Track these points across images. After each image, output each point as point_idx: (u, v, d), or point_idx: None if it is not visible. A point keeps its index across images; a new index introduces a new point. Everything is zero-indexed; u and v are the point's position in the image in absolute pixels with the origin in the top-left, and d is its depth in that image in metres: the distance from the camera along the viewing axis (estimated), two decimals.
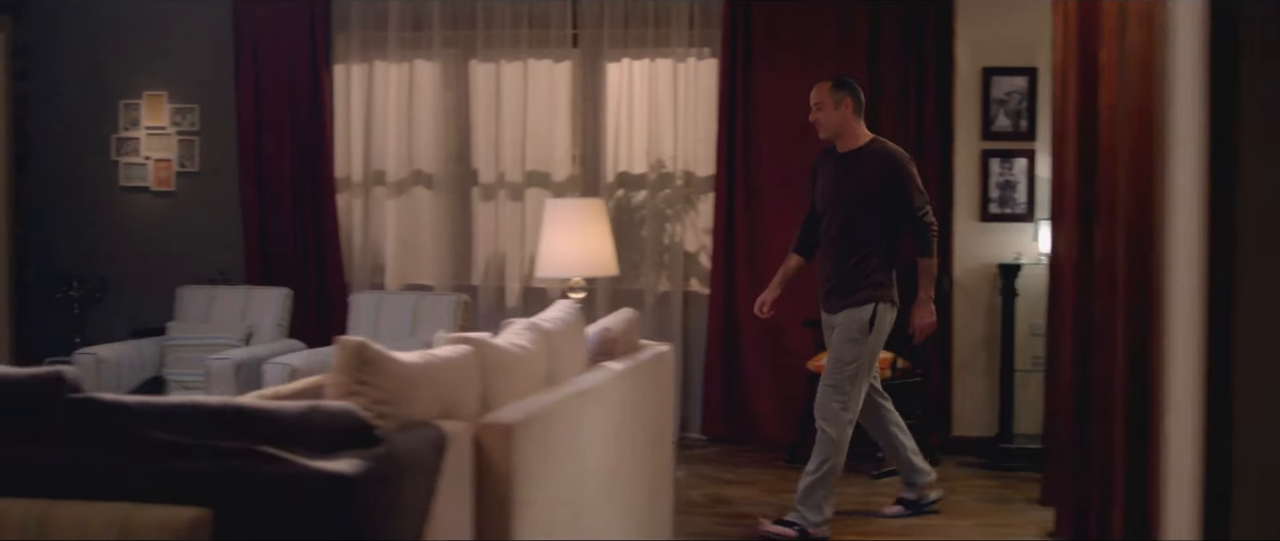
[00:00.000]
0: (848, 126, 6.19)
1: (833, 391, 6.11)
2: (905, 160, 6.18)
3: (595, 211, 6.68)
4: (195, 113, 8.89)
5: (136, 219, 9.01)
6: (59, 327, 9.05)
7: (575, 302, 5.25)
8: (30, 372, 3.49)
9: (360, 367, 3.69)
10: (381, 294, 7.47)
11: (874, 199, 6.11)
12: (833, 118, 6.19)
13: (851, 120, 6.19)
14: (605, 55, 8.38)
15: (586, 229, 6.62)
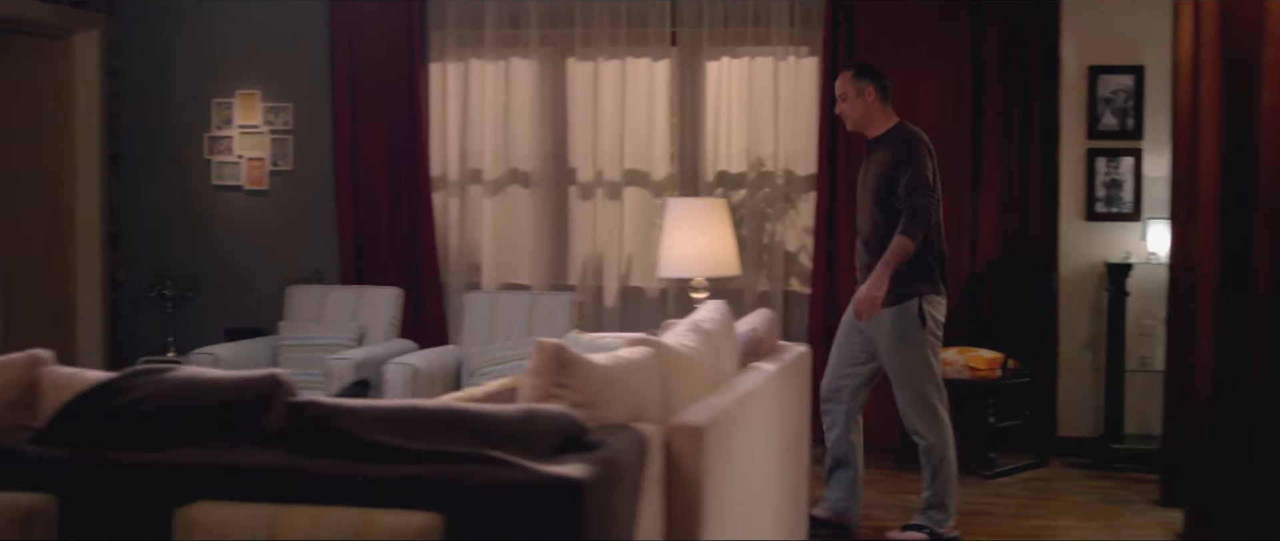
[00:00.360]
0: (873, 115, 6.11)
1: (913, 400, 5.99)
2: (914, 143, 6.03)
3: (717, 211, 6.65)
4: (289, 111, 8.86)
5: (229, 218, 9.00)
6: (151, 327, 9.04)
7: (723, 303, 5.22)
8: (247, 376, 3.46)
9: (558, 370, 3.66)
10: (496, 293, 7.43)
11: (892, 186, 5.99)
12: (857, 107, 6.11)
13: (877, 108, 6.11)
14: (704, 54, 8.33)
15: (708, 228, 6.59)
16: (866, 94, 6.07)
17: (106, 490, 3.29)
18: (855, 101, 6.09)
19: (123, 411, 3.42)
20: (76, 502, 3.26)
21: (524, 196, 8.57)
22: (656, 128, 8.38)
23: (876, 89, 6.09)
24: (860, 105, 6.08)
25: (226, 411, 3.38)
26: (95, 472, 3.31)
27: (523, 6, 8.46)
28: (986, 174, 7.97)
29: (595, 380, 3.74)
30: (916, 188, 5.91)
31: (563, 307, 7.13)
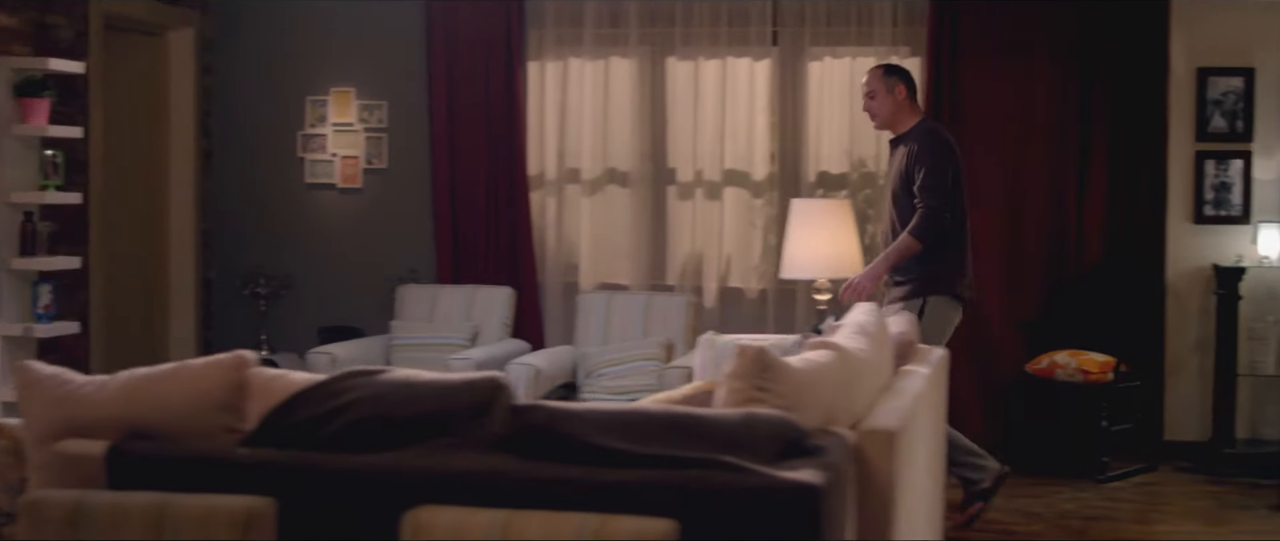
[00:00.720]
0: (901, 113, 6.16)
1: None
2: (934, 140, 6.05)
3: (841, 212, 6.61)
4: (383, 109, 8.84)
5: (322, 216, 8.97)
6: (243, 326, 9.02)
7: (874, 306, 5.18)
8: (467, 379, 3.43)
9: (761, 373, 3.63)
10: (610, 294, 7.39)
11: (910, 184, 6.05)
12: (886, 105, 6.15)
13: (905, 106, 6.16)
14: (806, 53, 8.29)
15: (833, 229, 6.55)
16: (897, 92, 6.14)
17: (328, 494, 3.27)
18: (885, 99, 6.14)
19: (336, 414, 3.40)
20: (296, 506, 3.24)
21: (622, 196, 8.53)
22: (757, 127, 8.34)
23: (906, 88, 6.16)
24: (889, 103, 6.15)
25: (445, 415, 3.34)
26: (315, 476, 3.28)
27: (623, 6, 8.43)
28: (1093, 176, 7.91)
29: (795, 384, 3.71)
30: (930, 187, 5.96)
31: (678, 309, 7.10)
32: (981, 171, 7.97)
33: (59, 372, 3.59)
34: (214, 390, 3.49)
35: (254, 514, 3.20)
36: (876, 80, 6.15)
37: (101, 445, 3.42)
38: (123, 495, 3.27)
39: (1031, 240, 8.00)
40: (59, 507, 3.26)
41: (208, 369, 3.51)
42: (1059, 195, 7.95)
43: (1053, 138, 7.95)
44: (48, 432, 3.51)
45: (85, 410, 3.51)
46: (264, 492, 3.26)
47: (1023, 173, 7.99)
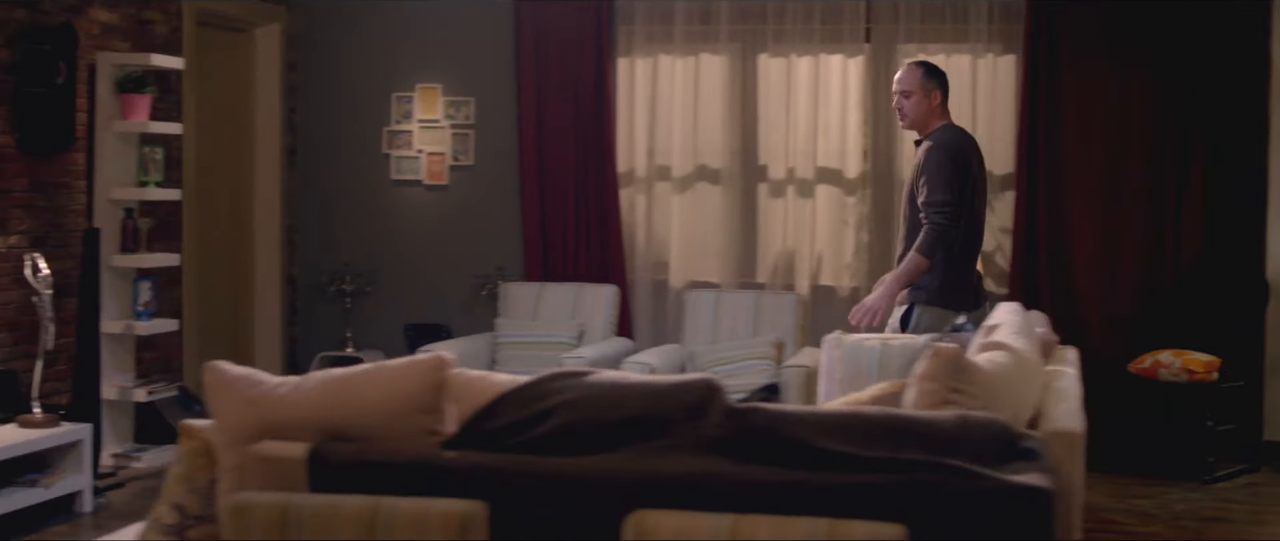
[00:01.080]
0: (932, 116, 6.08)
1: None
2: (943, 149, 5.95)
3: None
4: (470, 105, 8.80)
5: (408, 213, 8.94)
6: (327, 323, 9.00)
7: (1018, 304, 5.14)
8: (680, 381, 3.39)
9: (954, 375, 3.59)
10: (720, 292, 7.34)
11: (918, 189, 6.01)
12: (921, 107, 6.05)
13: (936, 111, 6.08)
14: (900, 51, 8.22)
15: None
16: (933, 97, 6.04)
17: (542, 497, 3.22)
18: (920, 101, 6.03)
19: (544, 417, 3.36)
20: (508, 509, 3.20)
21: (712, 193, 8.48)
22: (849, 125, 8.28)
23: (942, 92, 6.10)
24: (924, 105, 6.05)
25: (657, 417, 3.30)
26: (529, 479, 3.24)
27: (714, 4, 8.38)
28: (1192, 174, 7.84)
29: (986, 386, 3.67)
30: (935, 202, 5.86)
31: (789, 307, 7.05)
32: (1077, 170, 7.93)
33: (249, 373, 3.56)
34: (414, 392, 3.44)
35: (468, 517, 3.17)
36: (915, 80, 6.04)
37: (301, 447, 3.38)
38: (332, 498, 3.23)
39: (1129, 238, 7.93)
40: (266, 510, 3.23)
41: (407, 370, 3.46)
42: (1157, 193, 7.88)
43: (1150, 135, 7.88)
44: (242, 434, 3.48)
45: (281, 411, 3.47)
46: (473, 495, 3.22)
47: (1120, 171, 7.92)
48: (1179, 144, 7.86)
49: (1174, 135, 7.85)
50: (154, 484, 6.82)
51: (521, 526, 3.22)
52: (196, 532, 3.68)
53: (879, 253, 8.19)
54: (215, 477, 3.61)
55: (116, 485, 6.72)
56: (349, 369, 3.53)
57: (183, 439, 3.62)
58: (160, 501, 3.67)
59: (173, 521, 3.66)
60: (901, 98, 6.07)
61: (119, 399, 7.22)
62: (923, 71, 6.05)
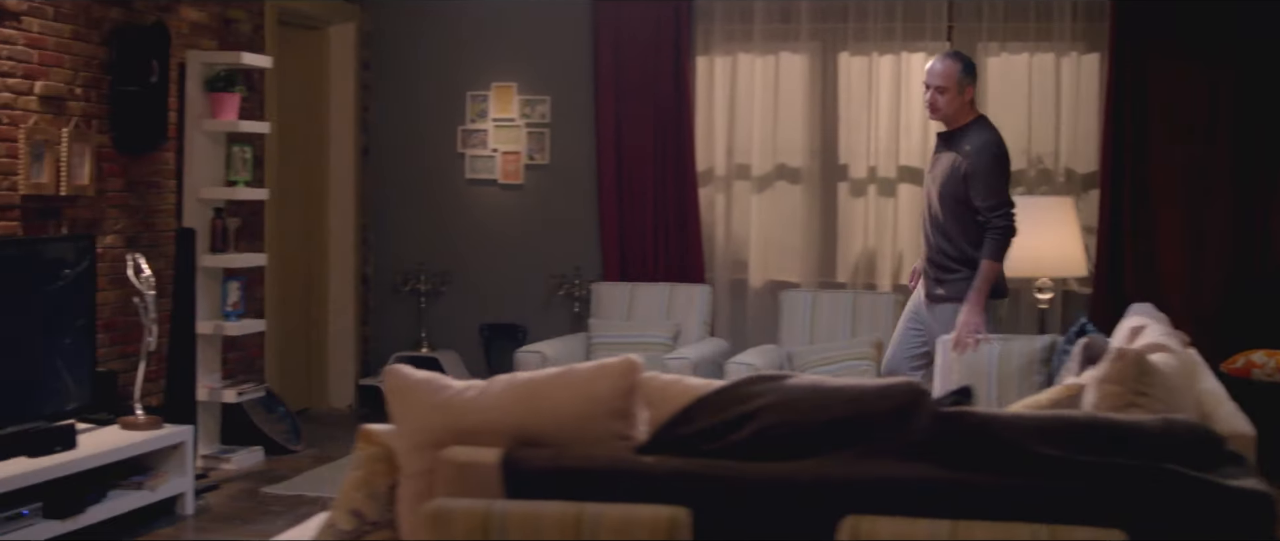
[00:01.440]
0: (961, 111, 5.99)
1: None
2: (990, 149, 5.90)
3: (1064, 210, 6.50)
4: (546, 104, 8.75)
5: (482, 212, 8.89)
6: (400, 323, 8.96)
7: (1150, 306, 5.10)
8: (885, 385, 3.34)
9: (1138, 379, 3.56)
10: (815, 292, 7.30)
11: (957, 185, 5.92)
12: (955, 103, 5.95)
13: (967, 106, 6.00)
14: (983, 49, 8.18)
15: (1056, 227, 6.44)
16: (966, 93, 5.95)
17: (749, 502, 3.18)
18: (955, 97, 5.92)
19: (743, 421, 3.32)
20: (712, 515, 3.15)
21: (792, 192, 8.43)
22: (931, 123, 8.21)
23: (973, 88, 6.04)
24: (958, 102, 5.95)
25: (862, 420, 3.25)
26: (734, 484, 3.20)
27: (794, 2, 8.33)
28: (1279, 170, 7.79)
29: (1168, 389, 3.64)
30: (995, 205, 5.83)
31: (886, 306, 7.01)
32: (1163, 168, 7.88)
33: (431, 377, 3.51)
34: (606, 396, 3.39)
35: (674, 523, 3.12)
36: (952, 77, 5.91)
37: (494, 453, 3.33)
38: (535, 505, 3.18)
39: (1214, 236, 7.88)
40: (467, 516, 3.18)
41: (599, 374, 3.41)
42: (1244, 191, 7.83)
43: (1236, 132, 7.82)
44: (427, 439, 3.43)
45: (469, 416, 3.42)
46: (674, 501, 3.17)
47: (1206, 169, 7.87)
48: (1266, 140, 7.80)
49: (1260, 132, 7.79)
50: (248, 485, 6.80)
51: (727, 532, 3.17)
52: (373, 539, 3.64)
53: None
54: (394, 483, 3.57)
55: (211, 487, 6.68)
56: (537, 373, 3.48)
57: (361, 443, 3.58)
58: (335, 506, 3.62)
59: (349, 527, 3.62)
60: (936, 93, 5.97)
61: (208, 400, 7.18)
62: (960, 67, 5.94)
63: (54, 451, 5.65)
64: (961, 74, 5.90)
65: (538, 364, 6.56)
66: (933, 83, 5.97)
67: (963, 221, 5.95)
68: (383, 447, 3.57)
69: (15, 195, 6.09)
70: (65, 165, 6.31)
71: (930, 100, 6.01)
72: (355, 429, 3.39)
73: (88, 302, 6.13)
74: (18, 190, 6.09)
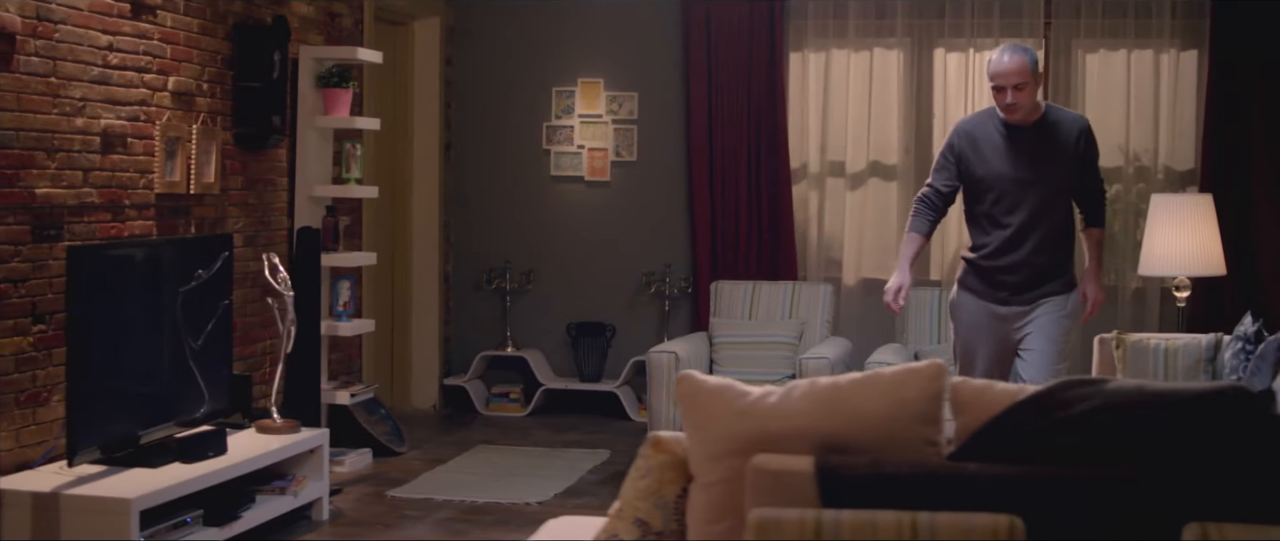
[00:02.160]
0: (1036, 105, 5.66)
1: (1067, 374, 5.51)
2: (1081, 121, 5.80)
3: (1203, 207, 6.46)
4: (633, 100, 8.66)
5: (567, 209, 8.80)
6: (483, 321, 8.85)
7: None
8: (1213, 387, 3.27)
9: None
10: (936, 291, 7.21)
11: (1069, 172, 5.64)
12: (1031, 97, 5.56)
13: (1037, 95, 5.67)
14: (1080, 45, 8.15)
15: (1195, 225, 6.40)
16: (1039, 83, 5.67)
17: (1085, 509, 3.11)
18: (1032, 91, 5.57)
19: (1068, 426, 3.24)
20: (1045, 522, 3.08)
21: (886, 190, 8.38)
22: None
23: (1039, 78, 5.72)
24: (1034, 95, 5.59)
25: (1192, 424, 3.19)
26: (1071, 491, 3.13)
27: None
28: None
29: None
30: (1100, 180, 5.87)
31: None
32: (1264, 168, 7.85)
33: (725, 384, 3.43)
34: (916, 400, 3.32)
35: (1012, 530, 3.05)
36: (1028, 73, 5.50)
37: (805, 460, 3.25)
38: (867, 514, 3.10)
39: None
40: (797, 526, 3.10)
41: (907, 378, 3.33)
42: None
43: None
44: (729, 448, 3.35)
45: (773, 423, 3.34)
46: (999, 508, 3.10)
47: None
48: None
49: None
50: (370, 489, 6.69)
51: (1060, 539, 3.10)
52: None
53: None
54: (682, 492, 3.48)
55: (335, 490, 6.55)
56: (839, 378, 3.39)
57: (651, 451, 3.49)
58: (616, 516, 3.53)
59: (632, 538, 3.53)
60: (1017, 93, 5.49)
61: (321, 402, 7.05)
62: (1031, 62, 5.55)
63: (207, 457, 5.52)
64: (1035, 69, 5.57)
65: (672, 364, 6.46)
66: (1009, 81, 5.49)
67: (1066, 211, 5.71)
68: (673, 455, 3.48)
69: (151, 194, 5.95)
70: (194, 163, 6.17)
71: (1014, 100, 5.50)
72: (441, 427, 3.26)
73: (224, 304, 5.99)
74: (153, 188, 5.95)
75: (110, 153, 5.70)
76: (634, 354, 8.58)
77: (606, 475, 7.08)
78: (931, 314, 7.04)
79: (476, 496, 6.53)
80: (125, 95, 5.78)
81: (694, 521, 3.44)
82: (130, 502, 4.90)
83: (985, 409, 3.37)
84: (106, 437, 5.25)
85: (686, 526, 3.48)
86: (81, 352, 5.10)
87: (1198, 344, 5.76)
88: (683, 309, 8.65)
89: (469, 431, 8.15)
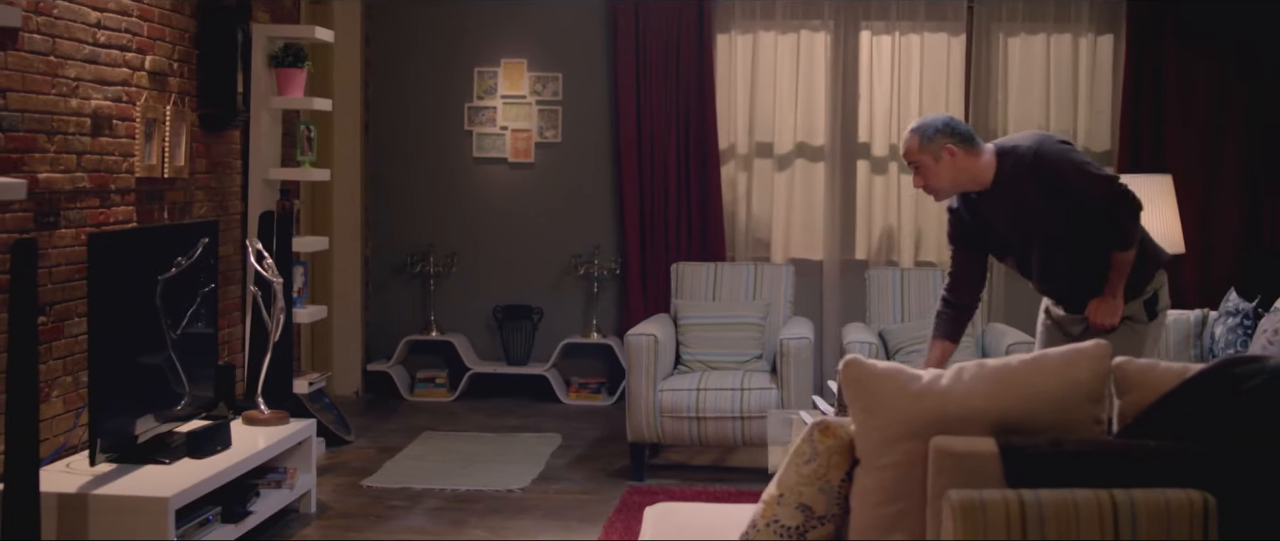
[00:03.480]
0: (971, 167, 4.74)
1: None
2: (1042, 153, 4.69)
3: (1164, 188, 6.69)
4: (558, 81, 8.58)
5: (491, 192, 8.68)
6: (405, 305, 8.70)
7: None
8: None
9: None
10: (907, 270, 7.30)
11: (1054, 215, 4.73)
12: (949, 170, 4.74)
13: (973, 162, 4.74)
14: (1002, 29, 8.36)
15: (1157, 206, 6.63)
16: (950, 154, 4.72)
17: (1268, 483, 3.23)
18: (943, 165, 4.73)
19: (1238, 403, 3.35)
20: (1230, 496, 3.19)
21: (813, 170, 8.48)
22: (952, 102, 8.37)
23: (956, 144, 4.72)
24: (951, 166, 4.73)
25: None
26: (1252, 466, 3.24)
27: None
28: None
29: None
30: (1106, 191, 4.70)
31: None
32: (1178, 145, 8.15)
33: (894, 367, 3.45)
34: (1086, 380, 3.39)
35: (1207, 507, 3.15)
36: (916, 150, 4.76)
37: (988, 442, 3.30)
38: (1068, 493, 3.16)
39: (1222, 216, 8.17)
40: (1002, 507, 3.15)
41: (1076, 358, 3.41)
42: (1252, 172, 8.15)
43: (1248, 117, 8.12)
44: (905, 431, 3.37)
45: (949, 405, 3.38)
46: (1182, 484, 3.21)
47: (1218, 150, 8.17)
48: (1276, 123, 8.14)
49: (1271, 115, 8.13)
50: (339, 480, 6.52)
51: (1246, 513, 3.21)
52: (818, 534, 3.56)
53: None
54: (847, 476, 3.50)
55: None
56: (1008, 359, 3.45)
57: (819, 436, 3.48)
58: (778, 502, 3.53)
59: (794, 523, 3.53)
60: (916, 173, 4.81)
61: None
62: (922, 137, 4.74)
63: (216, 452, 5.32)
64: (931, 137, 4.72)
65: (652, 346, 6.43)
66: (909, 161, 4.84)
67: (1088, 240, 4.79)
68: (840, 440, 3.49)
69: (132, 178, 5.70)
70: (168, 146, 5.92)
71: (920, 183, 4.82)
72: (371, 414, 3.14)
73: (210, 293, 5.76)
74: (134, 172, 5.70)
75: (99, 135, 5.45)
76: (562, 337, 8.54)
77: (570, 459, 7.04)
78: (893, 293, 7.15)
79: (455, 485, 6.42)
80: (111, 75, 5.53)
81: (861, 505, 3.45)
82: (167, 501, 4.70)
83: (1151, 388, 3.46)
84: (113, 435, 5.01)
85: (850, 510, 3.51)
86: (104, 346, 4.86)
87: (1186, 319, 5.97)
88: (610, 291, 8.63)
89: (402, 417, 8.00)
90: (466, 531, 5.71)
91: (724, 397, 6.47)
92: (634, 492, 6.29)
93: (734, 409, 6.46)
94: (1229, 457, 3.26)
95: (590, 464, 6.95)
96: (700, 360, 6.94)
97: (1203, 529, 3.17)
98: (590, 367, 8.67)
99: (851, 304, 8.23)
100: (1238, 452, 3.27)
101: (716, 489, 6.38)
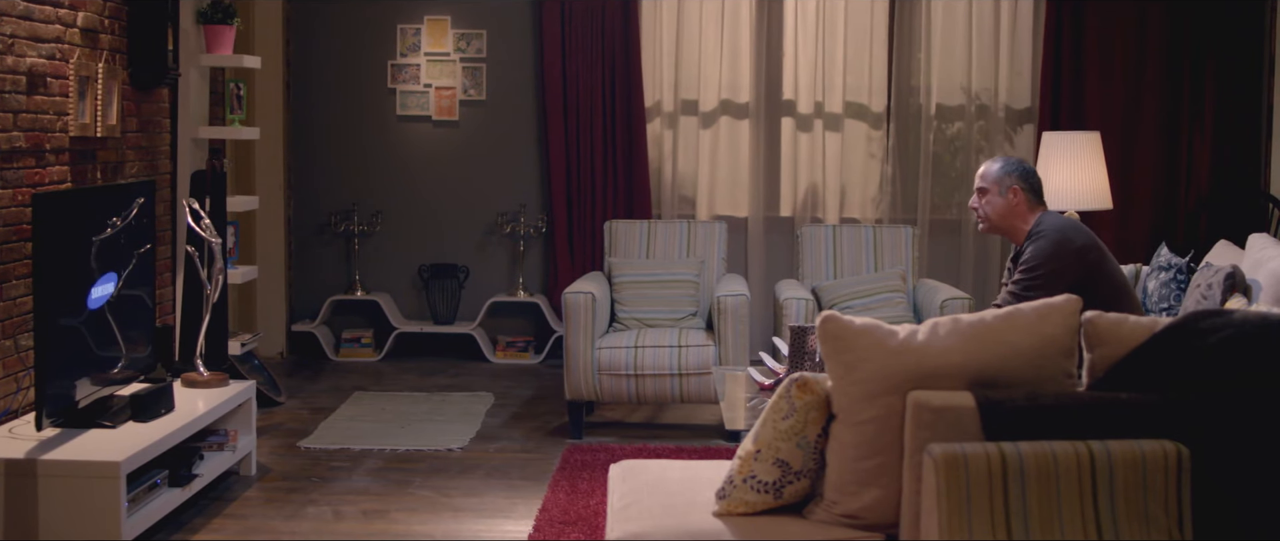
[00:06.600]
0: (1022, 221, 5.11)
1: None
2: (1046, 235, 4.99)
3: (1092, 144, 6.81)
4: (482, 39, 8.53)
5: (415, 150, 8.61)
6: (329, 265, 8.62)
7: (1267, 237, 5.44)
8: None
9: None
10: (837, 227, 7.33)
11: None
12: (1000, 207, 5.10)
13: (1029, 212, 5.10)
14: None
15: (1085, 161, 6.74)
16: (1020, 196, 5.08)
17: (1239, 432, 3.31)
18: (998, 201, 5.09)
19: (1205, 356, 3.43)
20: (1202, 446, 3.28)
21: (738, 128, 8.52)
22: (876, 60, 8.45)
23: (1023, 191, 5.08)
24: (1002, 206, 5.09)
25: None
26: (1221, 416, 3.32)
27: None
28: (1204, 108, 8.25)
29: None
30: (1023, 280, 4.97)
31: (904, 240, 7.17)
32: (1098, 102, 8.29)
33: (871, 323, 3.49)
34: (1059, 335, 3.47)
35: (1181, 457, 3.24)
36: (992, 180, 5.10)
37: (965, 396, 3.36)
38: (1046, 445, 3.24)
39: (1142, 169, 8.34)
40: (984, 460, 3.21)
41: (1049, 313, 3.48)
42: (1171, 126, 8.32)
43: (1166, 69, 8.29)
44: (884, 386, 3.42)
45: (928, 361, 3.43)
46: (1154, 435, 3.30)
47: (1137, 104, 8.32)
48: (1192, 76, 8.28)
49: (1188, 68, 8.28)
50: (277, 442, 6.47)
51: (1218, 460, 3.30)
52: (794, 489, 3.61)
53: (901, 186, 8.44)
54: (823, 431, 3.55)
55: None
56: (981, 314, 3.51)
57: (797, 392, 3.52)
58: (754, 458, 3.57)
59: (771, 478, 3.58)
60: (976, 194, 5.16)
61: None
62: (1000, 172, 5.09)
63: (160, 415, 5.25)
64: (1003, 176, 5.05)
65: (589, 304, 6.43)
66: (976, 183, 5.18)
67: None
68: (818, 396, 3.53)
69: (66, 138, 5.59)
70: (100, 104, 5.81)
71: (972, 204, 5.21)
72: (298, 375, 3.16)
73: (146, 254, 5.66)
74: (68, 132, 5.58)
75: (35, 93, 5.33)
76: (489, 295, 8.52)
77: (506, 418, 7.03)
78: (826, 250, 7.20)
79: (394, 445, 6.40)
80: (45, 31, 5.42)
81: (839, 459, 3.50)
82: (119, 465, 4.63)
83: (1122, 342, 3.53)
84: (55, 399, 4.92)
85: (826, 464, 3.55)
86: (49, 308, 4.77)
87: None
88: (536, 249, 8.62)
89: (329, 378, 7.94)
90: (412, 491, 5.69)
91: (662, 355, 6.50)
92: (575, 450, 6.31)
93: (672, 366, 6.49)
94: (1198, 408, 3.35)
95: (527, 422, 6.95)
96: (636, 318, 6.95)
97: (1176, 477, 3.26)
98: (517, 326, 8.66)
99: (778, 260, 8.31)
100: (1207, 404, 3.36)
101: (656, 446, 6.41)
